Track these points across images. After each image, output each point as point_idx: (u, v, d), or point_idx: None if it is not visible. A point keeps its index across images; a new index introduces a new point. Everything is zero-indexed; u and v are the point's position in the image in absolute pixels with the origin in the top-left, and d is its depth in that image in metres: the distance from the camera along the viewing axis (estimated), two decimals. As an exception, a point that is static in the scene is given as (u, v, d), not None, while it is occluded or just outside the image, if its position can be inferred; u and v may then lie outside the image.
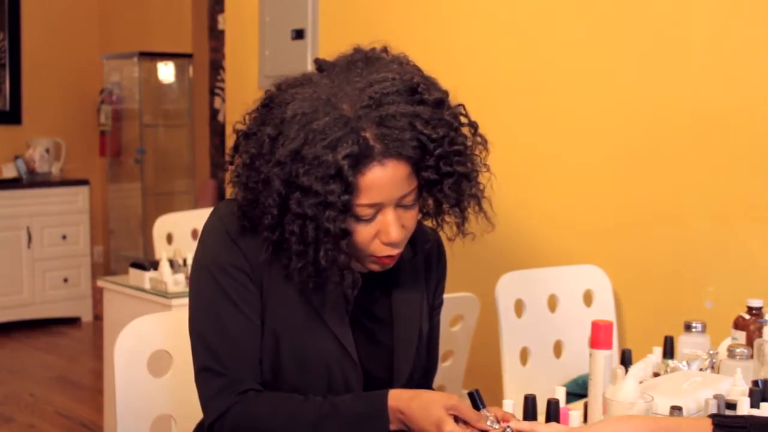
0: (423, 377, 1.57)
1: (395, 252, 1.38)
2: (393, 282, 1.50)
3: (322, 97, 1.31)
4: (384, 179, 1.31)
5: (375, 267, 1.40)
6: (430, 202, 1.43)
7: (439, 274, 1.61)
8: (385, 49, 1.43)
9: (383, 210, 1.34)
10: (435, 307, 1.61)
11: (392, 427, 1.34)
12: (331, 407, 1.35)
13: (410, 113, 1.32)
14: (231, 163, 1.42)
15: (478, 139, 1.47)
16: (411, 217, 1.39)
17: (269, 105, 1.38)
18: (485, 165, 1.49)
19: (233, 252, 1.39)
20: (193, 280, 1.44)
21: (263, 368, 1.41)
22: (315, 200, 1.28)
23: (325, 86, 1.34)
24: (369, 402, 1.36)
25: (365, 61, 1.38)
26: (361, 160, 1.28)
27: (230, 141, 1.46)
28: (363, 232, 1.34)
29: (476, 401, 1.34)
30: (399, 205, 1.35)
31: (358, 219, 1.33)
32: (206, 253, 1.42)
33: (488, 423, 1.32)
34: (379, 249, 1.36)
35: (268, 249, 1.36)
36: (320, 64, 1.42)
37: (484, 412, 1.33)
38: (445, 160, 1.35)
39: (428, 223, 1.50)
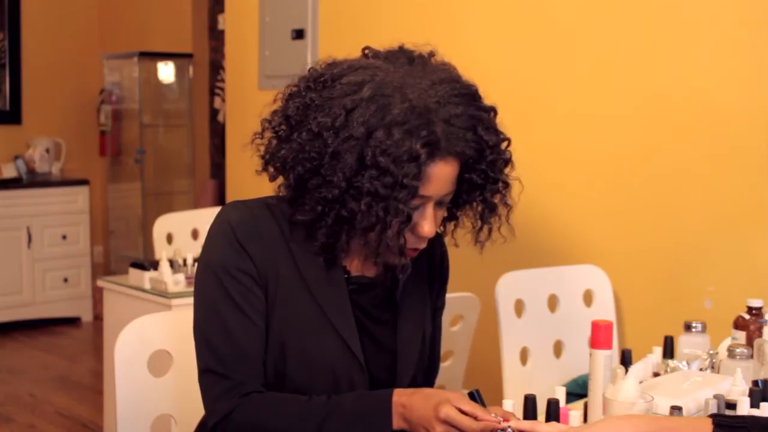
0: (425, 379, 1.57)
1: (422, 246, 1.42)
2: (397, 285, 1.51)
3: (395, 84, 1.34)
4: (443, 175, 1.35)
5: (396, 261, 1.41)
6: (461, 205, 1.48)
7: (442, 277, 1.64)
8: (432, 54, 1.49)
9: (425, 204, 1.38)
10: (437, 309, 1.63)
11: (395, 424, 1.34)
12: (334, 405, 1.36)
13: (474, 116, 1.38)
14: (275, 130, 1.42)
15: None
16: (441, 216, 1.45)
17: (322, 81, 1.39)
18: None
19: (239, 255, 1.40)
20: (198, 282, 1.45)
21: (267, 371, 1.41)
22: (390, 180, 1.30)
23: (392, 73, 1.37)
24: (373, 400, 1.36)
25: (421, 60, 1.43)
26: (432, 151, 1.32)
27: (267, 110, 1.45)
28: (393, 230, 1.36)
29: (477, 401, 1.35)
30: (436, 203, 1.40)
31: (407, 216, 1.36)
32: (212, 256, 1.42)
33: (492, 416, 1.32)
34: (411, 241, 1.39)
35: (321, 223, 1.37)
36: (374, 52, 1.45)
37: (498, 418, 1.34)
38: (495, 166, 1.42)
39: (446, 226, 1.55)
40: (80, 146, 5.94)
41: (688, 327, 1.94)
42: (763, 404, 1.55)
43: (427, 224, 1.38)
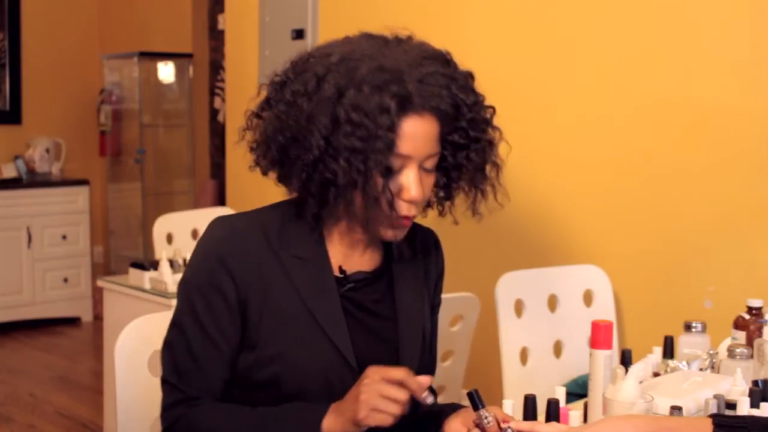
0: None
1: (412, 213, 1.41)
2: (396, 281, 1.52)
3: (366, 52, 1.38)
4: (420, 131, 1.37)
5: (388, 233, 1.42)
6: (450, 172, 1.47)
7: (437, 272, 1.63)
8: (410, 37, 1.53)
9: (409, 166, 1.38)
10: (434, 306, 1.63)
11: (326, 423, 1.34)
12: (272, 417, 1.38)
13: (448, 75, 1.42)
14: (259, 117, 1.46)
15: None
16: (429, 183, 1.44)
17: (298, 60, 1.44)
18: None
19: (215, 274, 1.40)
20: (177, 294, 1.48)
21: (260, 380, 1.41)
22: (364, 132, 1.33)
23: (367, 45, 1.41)
24: (307, 411, 1.37)
25: (396, 39, 1.48)
26: (404, 105, 1.35)
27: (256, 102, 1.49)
28: (378, 185, 1.37)
29: (475, 401, 1.34)
30: (422, 167, 1.40)
31: (388, 171, 1.37)
32: (189, 271, 1.46)
33: (486, 421, 1.32)
34: (398, 207, 1.39)
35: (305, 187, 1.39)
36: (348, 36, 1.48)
37: (482, 411, 1.33)
38: (476, 125, 1.44)
39: (438, 209, 1.54)
40: (80, 146, 5.94)
41: (688, 327, 1.94)
42: (763, 404, 1.55)
43: (413, 187, 1.38)
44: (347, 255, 1.49)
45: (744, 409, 1.54)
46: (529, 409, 1.50)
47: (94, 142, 5.96)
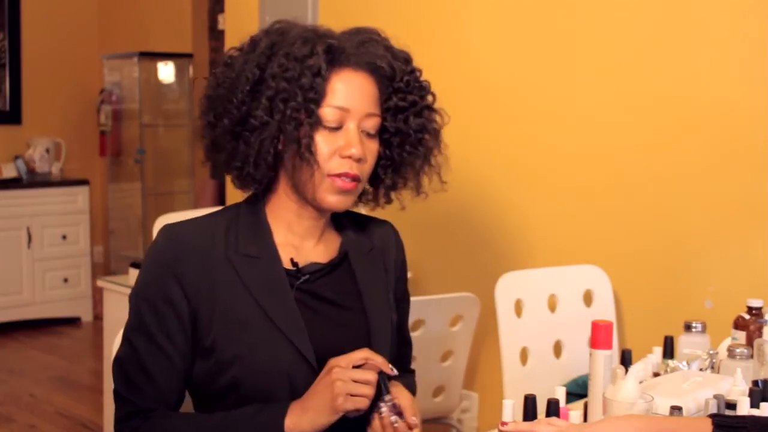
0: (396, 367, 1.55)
1: (353, 171, 1.40)
2: (356, 271, 1.50)
3: (299, 24, 1.46)
4: (356, 85, 1.40)
5: (332, 199, 1.41)
6: (392, 142, 1.48)
7: (399, 262, 1.61)
8: None
9: (347, 123, 1.40)
10: (400, 298, 1.61)
11: (289, 419, 1.33)
12: (228, 422, 1.36)
13: (385, 44, 1.46)
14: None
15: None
16: (372, 149, 1.44)
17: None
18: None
19: (164, 283, 1.39)
20: (129, 305, 1.46)
21: (221, 384, 1.39)
22: (291, 74, 1.36)
23: (296, 27, 1.46)
24: (266, 411, 1.36)
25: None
26: (336, 58, 1.39)
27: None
28: (324, 142, 1.38)
29: (379, 387, 1.36)
30: (362, 130, 1.41)
31: (323, 125, 1.38)
32: (137, 281, 1.44)
33: (379, 412, 1.36)
34: (338, 164, 1.39)
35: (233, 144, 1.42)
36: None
37: (387, 397, 1.36)
38: (413, 89, 1.46)
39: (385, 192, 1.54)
40: (80, 146, 5.93)
41: (688, 327, 1.94)
42: (763, 404, 1.55)
43: (353, 142, 1.39)
44: (299, 247, 1.47)
45: (744, 409, 1.53)
46: (529, 409, 1.50)
47: (94, 142, 5.96)
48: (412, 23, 3.20)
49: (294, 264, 1.44)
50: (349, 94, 1.39)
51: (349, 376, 1.32)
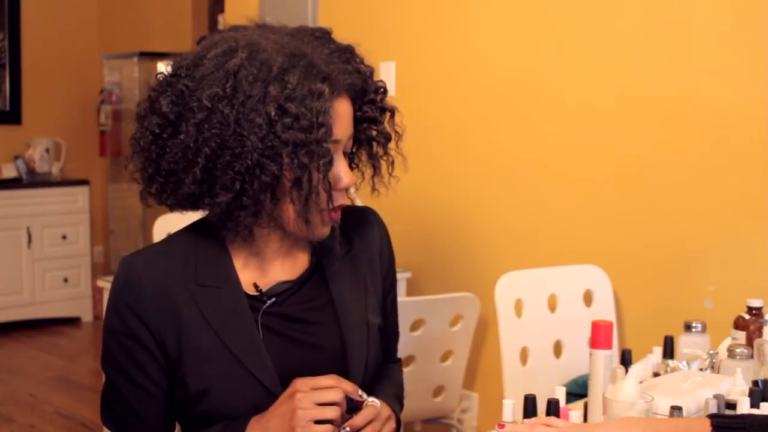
0: (381, 359, 1.51)
1: (345, 202, 1.37)
2: (330, 280, 1.43)
3: (259, 41, 1.33)
4: (345, 113, 1.34)
5: (323, 231, 1.36)
6: (358, 150, 1.43)
7: (384, 248, 1.54)
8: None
9: (337, 152, 1.34)
10: (388, 290, 1.55)
11: None
12: None
13: (342, 49, 1.39)
14: (158, 137, 1.31)
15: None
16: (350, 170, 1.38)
17: (185, 66, 1.33)
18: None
19: (128, 321, 1.34)
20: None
21: (193, 416, 1.37)
22: (305, 123, 1.26)
23: (249, 34, 1.37)
24: (230, 427, 1.33)
25: (262, 23, 1.48)
26: (332, 87, 1.30)
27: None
28: (319, 178, 1.29)
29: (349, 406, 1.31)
30: (344, 151, 1.37)
31: (329, 161, 1.30)
32: (105, 317, 1.39)
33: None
34: (337, 197, 1.34)
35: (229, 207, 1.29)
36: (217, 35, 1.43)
37: (344, 428, 1.30)
38: (380, 95, 1.41)
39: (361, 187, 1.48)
40: (80, 146, 5.93)
41: (688, 327, 1.94)
42: (763, 404, 1.55)
43: (344, 173, 1.34)
44: (263, 268, 1.40)
45: (744, 409, 1.53)
46: (529, 409, 1.50)
47: (94, 142, 5.96)
48: (411, 22, 3.20)
49: (257, 288, 1.38)
50: (342, 125, 1.33)
51: (312, 400, 1.26)
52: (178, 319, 1.33)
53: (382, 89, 1.42)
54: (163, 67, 1.40)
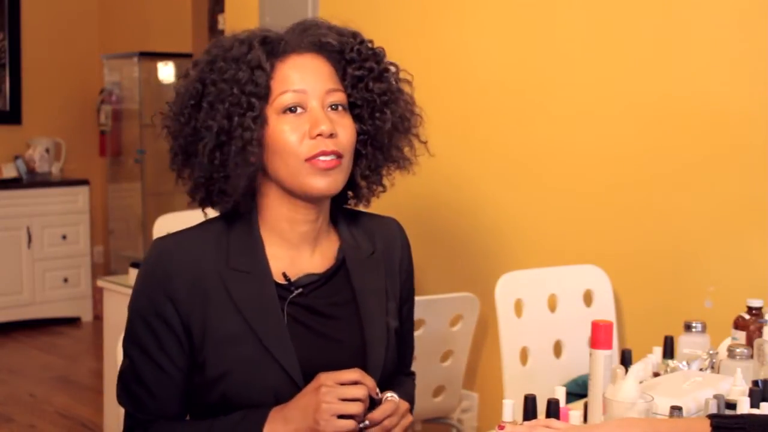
0: (396, 369, 1.54)
1: (329, 148, 1.36)
2: (353, 278, 1.46)
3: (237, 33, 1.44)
4: (305, 67, 1.39)
5: (319, 184, 1.37)
6: (362, 114, 1.45)
7: (405, 259, 1.58)
8: None
9: (309, 104, 1.38)
10: (405, 298, 1.58)
11: (270, 427, 1.33)
12: (215, 422, 1.37)
13: (328, 25, 1.47)
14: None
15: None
16: (344, 123, 1.40)
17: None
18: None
19: (156, 300, 1.37)
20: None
21: (213, 395, 1.38)
22: (228, 75, 1.35)
23: (234, 35, 1.44)
24: (247, 420, 1.35)
25: None
26: (277, 47, 1.39)
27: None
28: (290, 130, 1.36)
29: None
30: (329, 107, 1.39)
31: (285, 111, 1.36)
32: (132, 297, 1.43)
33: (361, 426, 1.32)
34: (312, 146, 1.36)
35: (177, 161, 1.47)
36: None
37: (363, 424, 1.33)
38: (366, 57, 1.44)
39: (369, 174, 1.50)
40: (80, 146, 5.93)
41: (688, 327, 1.94)
42: (763, 404, 1.55)
43: (320, 119, 1.36)
44: (293, 258, 1.43)
45: (744, 409, 1.53)
46: (529, 409, 1.50)
47: (94, 142, 5.96)
48: (411, 23, 3.20)
49: (286, 278, 1.41)
50: (302, 76, 1.38)
51: (337, 395, 1.30)
52: (206, 301, 1.37)
53: (368, 52, 1.45)
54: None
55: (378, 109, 1.44)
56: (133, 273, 3.08)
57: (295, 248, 1.43)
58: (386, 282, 1.51)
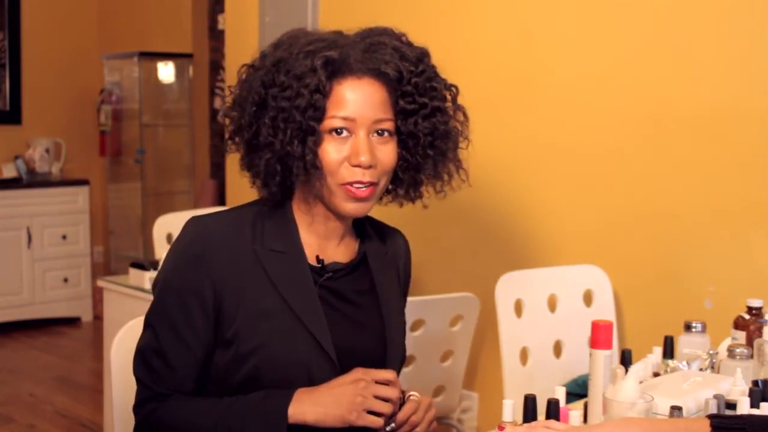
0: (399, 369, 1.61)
1: (366, 179, 1.40)
2: (374, 273, 1.54)
3: (316, 32, 1.46)
4: (360, 92, 1.39)
5: (349, 207, 1.42)
6: (408, 144, 1.47)
7: (405, 272, 1.65)
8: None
9: (356, 131, 1.40)
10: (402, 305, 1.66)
11: (293, 408, 1.36)
12: (237, 407, 1.39)
13: (396, 47, 1.44)
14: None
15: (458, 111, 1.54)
16: (388, 151, 1.43)
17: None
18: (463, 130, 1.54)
19: (192, 274, 1.41)
20: (153, 293, 1.49)
21: (239, 378, 1.41)
22: (290, 93, 1.36)
23: (305, 36, 1.46)
24: (272, 398, 1.38)
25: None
26: (338, 68, 1.39)
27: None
28: (333, 151, 1.39)
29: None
30: (375, 132, 1.42)
31: (331, 131, 1.39)
32: (164, 271, 1.46)
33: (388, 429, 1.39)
34: (349, 173, 1.40)
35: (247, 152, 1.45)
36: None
37: (389, 427, 1.40)
38: (421, 91, 1.44)
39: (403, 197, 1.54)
40: (80, 146, 5.93)
41: (688, 327, 1.94)
42: (763, 404, 1.55)
43: (362, 150, 1.39)
44: (323, 245, 1.49)
45: (744, 409, 1.53)
46: (529, 409, 1.50)
47: (94, 142, 5.96)
48: (411, 22, 3.20)
49: (319, 261, 1.47)
50: (355, 103, 1.39)
51: (373, 392, 1.36)
52: (241, 277, 1.41)
53: (424, 87, 1.45)
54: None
55: (422, 145, 1.47)
56: (134, 273, 3.08)
57: (324, 238, 1.50)
58: (398, 280, 1.60)
